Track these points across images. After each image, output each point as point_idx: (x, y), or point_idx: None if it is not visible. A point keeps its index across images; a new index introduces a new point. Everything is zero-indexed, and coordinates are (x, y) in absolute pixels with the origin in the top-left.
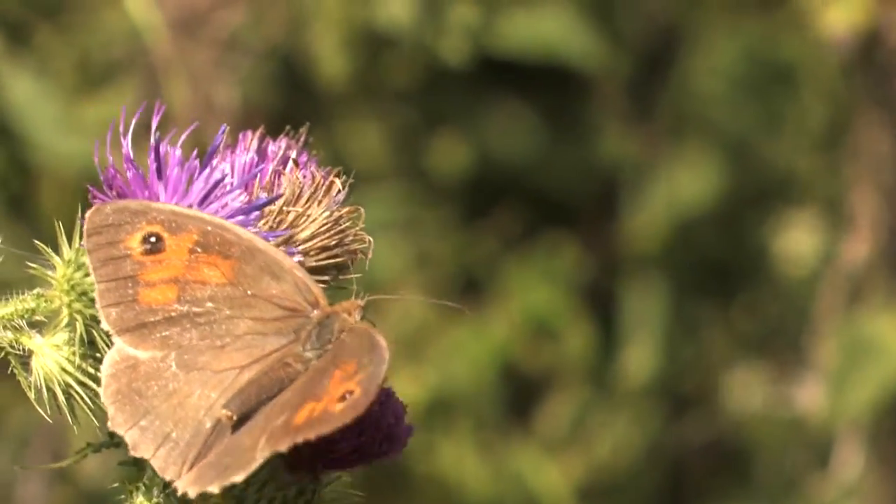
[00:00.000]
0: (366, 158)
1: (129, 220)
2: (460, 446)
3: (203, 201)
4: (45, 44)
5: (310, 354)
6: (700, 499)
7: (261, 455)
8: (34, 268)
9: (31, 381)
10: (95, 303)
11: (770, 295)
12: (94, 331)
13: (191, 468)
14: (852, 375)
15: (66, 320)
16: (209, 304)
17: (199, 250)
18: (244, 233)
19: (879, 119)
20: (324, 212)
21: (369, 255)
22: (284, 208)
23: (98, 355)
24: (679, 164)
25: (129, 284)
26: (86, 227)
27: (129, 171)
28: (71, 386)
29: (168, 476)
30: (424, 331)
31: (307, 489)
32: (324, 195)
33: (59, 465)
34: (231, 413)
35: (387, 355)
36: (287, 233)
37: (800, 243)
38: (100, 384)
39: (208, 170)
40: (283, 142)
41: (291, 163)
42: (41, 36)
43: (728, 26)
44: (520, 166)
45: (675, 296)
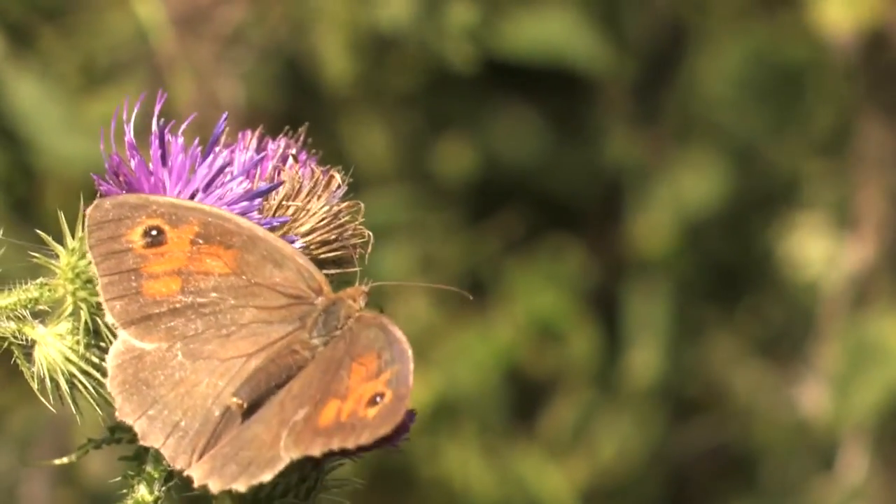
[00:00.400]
0: (370, 161)
1: (129, 214)
2: (465, 449)
3: (207, 187)
4: (49, 46)
5: (316, 341)
6: (704, 502)
7: (287, 455)
8: (37, 257)
9: (34, 372)
10: (100, 295)
11: (775, 298)
12: (98, 319)
13: (200, 457)
14: (857, 378)
15: (70, 309)
16: (213, 295)
17: (200, 241)
18: (244, 222)
19: (885, 122)
20: (323, 206)
21: (369, 249)
22: (284, 203)
23: (102, 344)
24: (684, 167)
25: (133, 277)
26: (87, 222)
27: (134, 159)
28: (74, 375)
29: (179, 465)
30: (429, 334)
31: (310, 476)
32: (323, 190)
33: (62, 462)
34: (241, 401)
35: (409, 350)
36: (289, 218)
37: (805, 246)
38: (104, 374)
39: (212, 156)
40: (282, 141)
41: (291, 159)
42: (45, 38)
43: (733, 29)
44: (525, 169)
45: (680, 299)
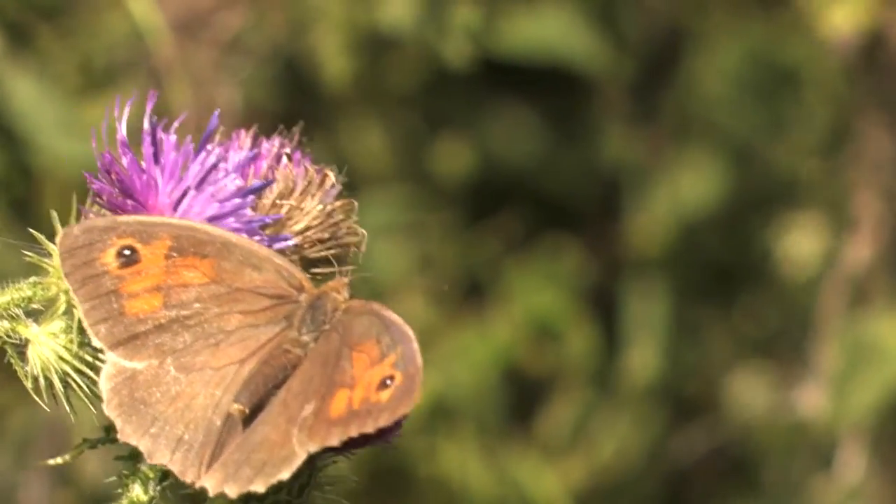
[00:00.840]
0: (369, 161)
1: (99, 237)
2: (463, 449)
3: (199, 185)
4: (47, 46)
5: (307, 338)
6: (702, 502)
7: (302, 450)
8: (30, 256)
9: (27, 371)
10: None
11: (773, 298)
12: None
13: (209, 468)
14: (855, 378)
15: (63, 307)
16: (196, 305)
17: (174, 255)
18: (216, 230)
19: (883, 122)
20: (317, 205)
21: (363, 247)
22: (278, 201)
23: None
24: (682, 166)
25: (113, 299)
26: (59, 251)
27: (126, 157)
28: (68, 374)
29: (189, 478)
30: (427, 334)
31: (303, 472)
32: (317, 189)
33: (57, 462)
34: (242, 407)
35: (409, 330)
36: (282, 215)
37: (803, 246)
38: (98, 372)
39: (204, 153)
40: (276, 140)
41: (285, 158)
42: (43, 38)
43: (731, 28)
44: (523, 169)
45: (678, 299)
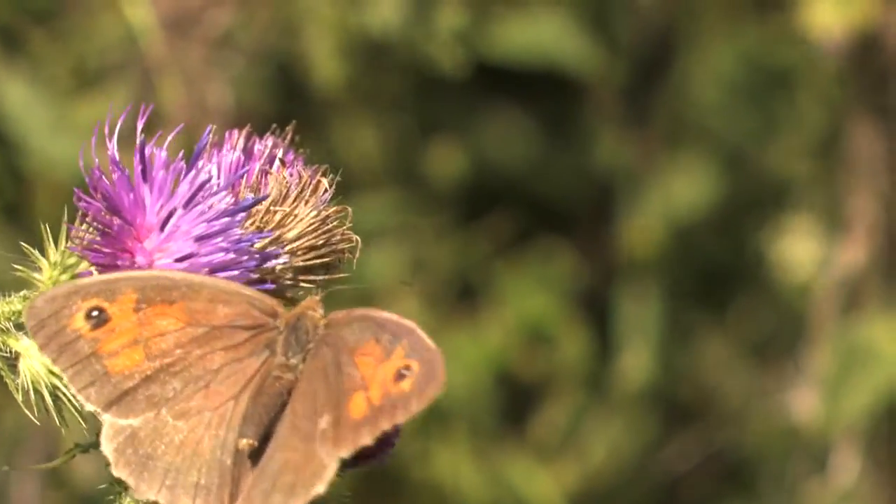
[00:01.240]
0: (361, 164)
1: (64, 304)
2: (456, 452)
3: (188, 203)
4: (38, 48)
5: (294, 360)
6: None
7: (331, 459)
8: (21, 270)
9: (18, 384)
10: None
11: (766, 301)
12: None
13: None
14: (848, 382)
15: None
16: (178, 351)
17: (143, 306)
18: (178, 274)
19: (875, 125)
20: (311, 211)
21: (357, 254)
22: (272, 208)
23: None
24: (675, 170)
25: (94, 361)
26: (28, 326)
27: (115, 174)
28: (58, 388)
29: None
30: None
31: None
32: (311, 194)
33: (48, 466)
34: (252, 440)
35: (405, 321)
36: (273, 234)
37: (796, 250)
38: None
39: (194, 172)
40: (269, 140)
41: (278, 162)
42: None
43: (724, 32)
44: (515, 172)
45: (671, 302)
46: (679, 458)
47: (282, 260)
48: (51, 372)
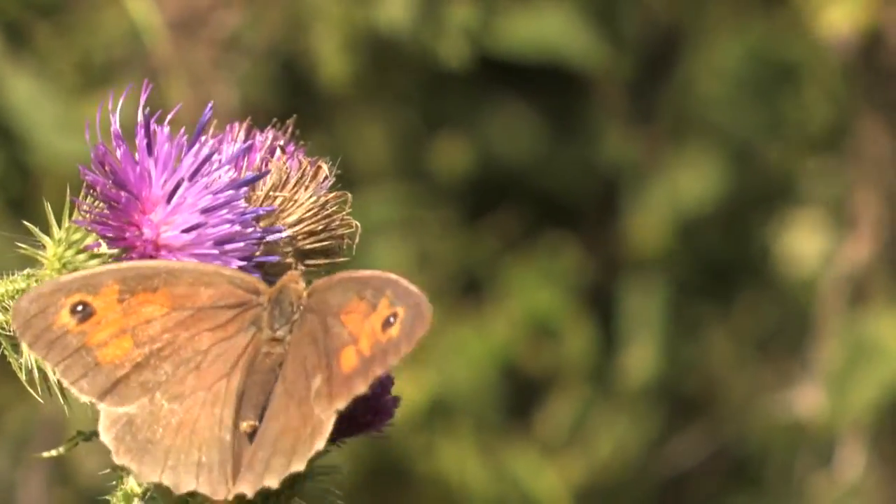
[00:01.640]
0: (367, 160)
1: (49, 301)
2: (461, 447)
3: (192, 176)
4: (45, 44)
5: (281, 332)
6: (700, 499)
7: (328, 414)
8: (24, 248)
9: (21, 363)
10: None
11: (771, 296)
12: None
13: (234, 480)
14: (854, 377)
15: None
16: (165, 336)
17: (126, 296)
18: (157, 262)
19: (881, 120)
20: (310, 196)
21: (356, 239)
22: (271, 193)
23: None
24: (681, 164)
25: (84, 353)
26: (15, 327)
27: (119, 149)
28: None
29: (221, 495)
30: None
31: None
32: (310, 180)
33: (52, 455)
34: (252, 421)
35: (388, 274)
36: (275, 207)
37: (801, 245)
38: None
39: (197, 145)
40: (270, 132)
41: (278, 150)
42: (41, 36)
43: (730, 27)
44: (521, 167)
45: (676, 297)
46: (684, 453)
47: (284, 234)
48: None
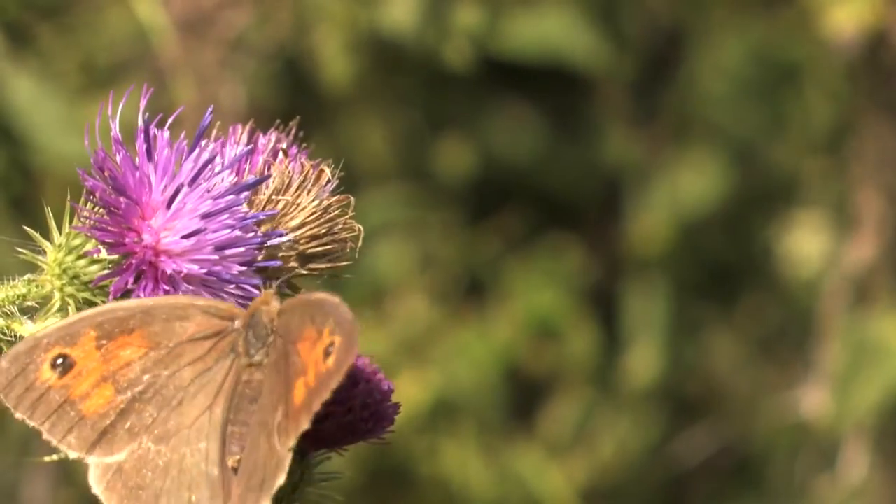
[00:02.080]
0: (370, 161)
1: (28, 360)
2: (464, 448)
3: (193, 181)
4: (48, 45)
5: (258, 356)
6: (704, 500)
7: (284, 449)
8: (24, 253)
9: None
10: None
11: (774, 297)
12: None
13: None
14: (857, 378)
15: (57, 304)
16: (146, 377)
17: (104, 342)
18: (131, 302)
19: (884, 120)
20: (313, 200)
21: (359, 243)
22: (274, 197)
23: None
24: (683, 165)
25: (68, 409)
26: None
27: (119, 154)
28: None
29: None
30: (428, 333)
31: (294, 471)
32: (313, 184)
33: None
34: (237, 456)
35: (334, 298)
36: (276, 212)
37: (804, 245)
38: None
39: (197, 150)
40: (273, 135)
41: (281, 153)
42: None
43: (733, 27)
44: (524, 168)
45: (679, 298)
46: (687, 454)
47: (285, 239)
48: None
